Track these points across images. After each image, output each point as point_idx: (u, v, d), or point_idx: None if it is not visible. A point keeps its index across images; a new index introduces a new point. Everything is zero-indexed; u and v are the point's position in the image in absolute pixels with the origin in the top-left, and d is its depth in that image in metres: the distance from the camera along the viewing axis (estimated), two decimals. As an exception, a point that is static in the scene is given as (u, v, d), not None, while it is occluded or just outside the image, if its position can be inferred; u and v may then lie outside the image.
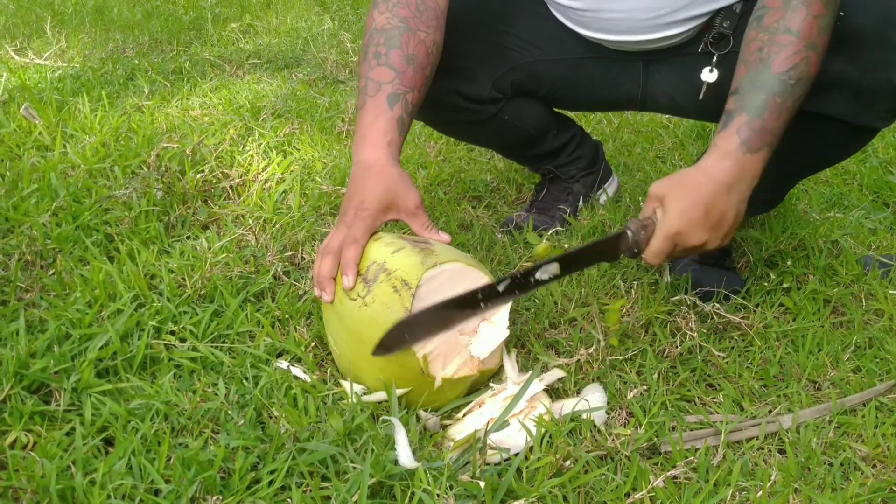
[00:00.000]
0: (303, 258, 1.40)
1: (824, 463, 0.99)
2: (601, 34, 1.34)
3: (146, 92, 2.28)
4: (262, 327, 1.19)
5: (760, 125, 1.02)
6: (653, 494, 0.92)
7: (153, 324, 1.15)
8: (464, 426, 1.01)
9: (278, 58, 2.88)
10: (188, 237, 1.47)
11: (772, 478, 0.94)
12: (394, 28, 1.16)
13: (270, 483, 0.90)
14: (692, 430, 1.04)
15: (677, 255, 1.07)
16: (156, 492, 0.89)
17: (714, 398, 1.12)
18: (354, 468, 0.91)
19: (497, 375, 1.11)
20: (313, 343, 1.17)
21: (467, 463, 0.95)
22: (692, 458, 0.97)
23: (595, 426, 1.02)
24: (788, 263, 1.42)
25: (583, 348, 1.15)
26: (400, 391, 1.02)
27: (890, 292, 1.34)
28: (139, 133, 1.80)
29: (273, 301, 1.27)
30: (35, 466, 0.89)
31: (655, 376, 1.13)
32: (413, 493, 0.89)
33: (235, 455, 0.93)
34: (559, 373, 1.11)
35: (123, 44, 2.96)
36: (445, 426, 1.03)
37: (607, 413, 1.06)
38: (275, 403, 1.03)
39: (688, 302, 1.26)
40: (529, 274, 1.02)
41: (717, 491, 0.94)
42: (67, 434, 0.97)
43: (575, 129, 1.63)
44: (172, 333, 1.16)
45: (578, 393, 1.09)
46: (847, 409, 1.09)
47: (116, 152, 1.69)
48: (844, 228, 1.61)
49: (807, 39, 1.02)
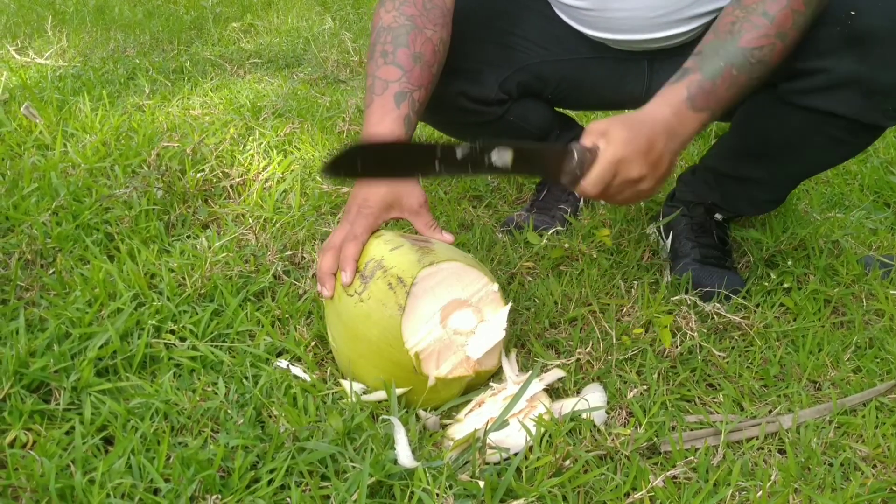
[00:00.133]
0: (303, 257, 1.40)
1: (824, 463, 0.99)
2: (606, 33, 1.34)
3: (147, 91, 2.28)
4: (262, 326, 1.19)
5: (711, 87, 1.04)
6: (652, 494, 0.92)
7: (153, 323, 1.15)
8: (463, 426, 1.01)
9: (279, 57, 2.88)
10: (188, 236, 1.47)
11: (772, 478, 0.94)
12: (401, 26, 1.16)
13: (270, 482, 0.90)
14: (692, 430, 1.04)
15: (613, 193, 1.03)
16: (155, 491, 0.89)
17: (714, 398, 1.12)
18: (354, 467, 0.91)
19: (497, 375, 1.11)
20: (313, 342, 1.17)
21: (467, 462, 0.95)
22: (692, 458, 0.97)
23: (595, 426, 1.02)
24: (789, 263, 1.42)
25: (583, 348, 1.15)
26: (399, 391, 1.02)
27: (890, 292, 1.34)
28: (140, 132, 1.80)
29: (273, 300, 1.27)
30: (34, 465, 0.89)
31: (655, 376, 1.13)
32: (412, 493, 0.89)
33: (235, 454, 0.93)
34: (559, 373, 1.11)
35: (124, 43, 2.96)
36: (445, 426, 1.03)
37: (607, 413, 1.06)
38: (274, 403, 1.03)
39: (688, 302, 1.26)
40: (485, 151, 0.95)
41: (717, 491, 0.93)
42: (67, 433, 0.97)
43: (577, 129, 1.63)
44: (172, 332, 1.16)
45: (578, 393, 1.09)
46: (847, 410, 1.09)
47: (117, 151, 1.69)
48: (845, 228, 1.60)
49: (780, 27, 1.04)
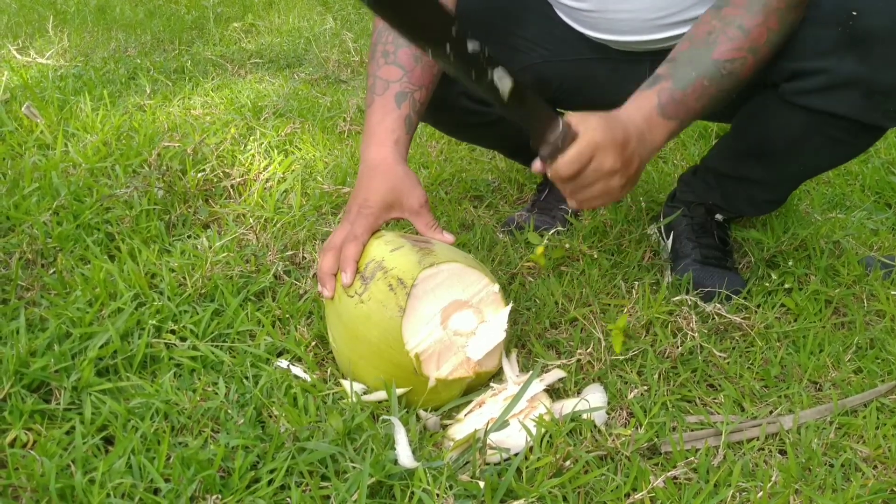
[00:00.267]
0: (304, 257, 1.40)
1: (825, 464, 0.99)
2: (607, 35, 1.34)
3: (148, 91, 2.28)
4: (263, 326, 1.19)
5: (681, 97, 1.05)
6: (653, 495, 0.92)
7: (153, 323, 1.15)
8: (464, 426, 1.01)
9: (280, 57, 2.88)
10: (189, 236, 1.47)
11: (772, 478, 0.94)
12: None
13: (270, 482, 0.90)
14: (693, 431, 1.04)
15: (584, 182, 0.99)
16: (155, 491, 0.89)
17: (715, 399, 1.12)
18: (354, 468, 0.91)
19: (497, 376, 1.11)
20: (313, 342, 1.17)
21: (467, 463, 0.95)
22: (692, 459, 0.97)
23: (595, 426, 1.02)
24: (790, 264, 1.42)
25: (583, 348, 1.15)
26: (400, 391, 1.02)
27: (892, 293, 1.34)
28: (141, 132, 1.80)
29: (273, 300, 1.27)
30: (35, 465, 0.89)
31: (656, 376, 1.13)
32: (413, 493, 0.89)
33: (235, 454, 0.93)
34: (560, 373, 1.10)
35: (125, 43, 2.96)
36: (446, 426, 1.03)
37: (608, 413, 1.06)
38: (275, 403, 1.03)
39: (689, 302, 1.26)
40: (491, 63, 0.88)
41: (718, 491, 0.93)
42: (67, 433, 0.97)
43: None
44: (173, 332, 1.16)
45: (579, 393, 1.08)
46: (848, 410, 1.09)
47: (118, 151, 1.69)
48: (846, 229, 1.60)
49: (753, 42, 1.06)
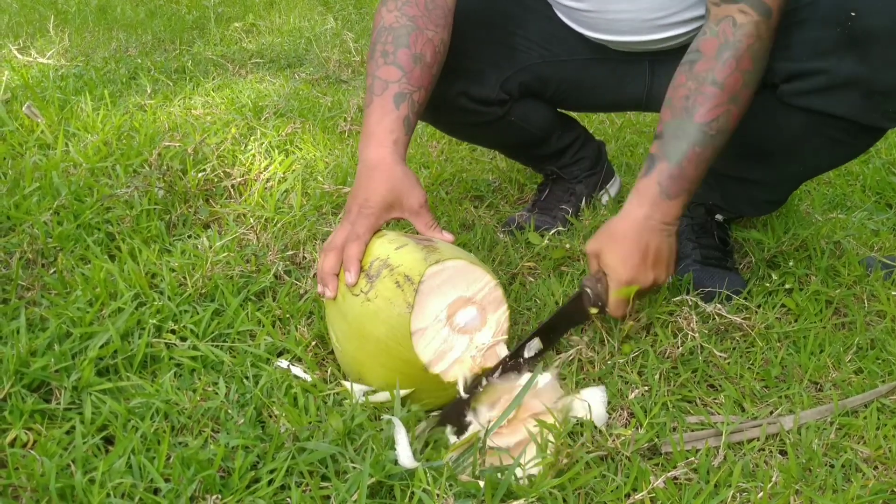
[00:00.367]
0: (304, 257, 1.40)
1: (825, 464, 0.99)
2: (605, 35, 1.34)
3: (149, 91, 2.28)
4: (263, 326, 1.19)
5: (679, 173, 1.08)
6: (653, 495, 0.92)
7: (154, 322, 1.15)
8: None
9: (281, 57, 2.88)
10: (189, 236, 1.47)
11: (773, 479, 0.94)
12: (402, 27, 1.16)
13: (270, 482, 0.90)
14: (693, 431, 1.04)
15: (634, 301, 1.11)
16: (155, 491, 0.89)
17: (715, 399, 1.12)
18: (354, 468, 0.91)
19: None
20: (314, 342, 1.17)
21: (467, 462, 0.94)
22: (693, 459, 0.97)
23: (595, 427, 1.02)
24: (790, 264, 1.42)
25: (584, 347, 1.15)
26: (403, 392, 1.02)
27: (892, 294, 1.34)
28: (141, 132, 1.80)
29: (274, 300, 1.27)
30: (35, 465, 0.89)
31: (657, 377, 1.13)
32: (412, 493, 0.89)
33: (235, 454, 0.93)
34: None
35: (126, 43, 2.96)
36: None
37: (608, 413, 1.06)
38: (275, 403, 1.03)
39: (689, 302, 1.26)
40: (517, 355, 1.07)
41: (718, 492, 0.93)
42: (67, 432, 0.97)
43: (579, 130, 1.63)
44: (173, 332, 1.16)
45: (580, 393, 1.08)
46: (849, 411, 1.09)
47: (118, 151, 1.69)
48: (847, 229, 1.60)
49: (731, 93, 1.07)
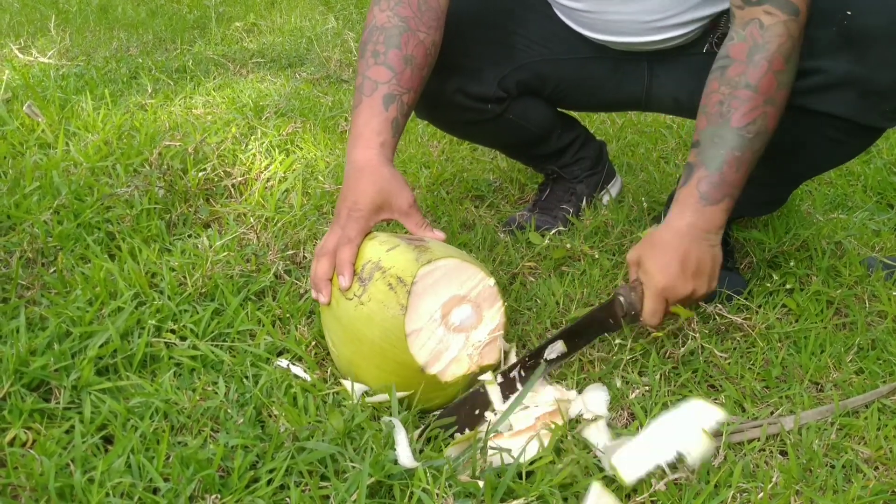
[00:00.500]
0: (304, 257, 1.40)
1: (826, 465, 0.99)
2: (604, 36, 1.34)
3: (149, 90, 2.28)
4: (263, 326, 1.19)
5: (720, 179, 1.07)
6: (655, 498, 0.92)
7: (153, 322, 1.15)
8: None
9: (282, 57, 2.88)
10: (189, 235, 1.46)
11: (773, 479, 0.94)
12: (394, 27, 1.16)
13: (269, 482, 0.90)
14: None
15: (674, 309, 1.11)
16: (154, 490, 0.89)
17: (716, 399, 1.11)
18: (354, 467, 0.91)
19: (498, 370, 1.10)
20: (314, 342, 1.17)
21: (468, 462, 0.94)
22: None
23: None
24: (791, 264, 1.42)
25: (585, 347, 1.15)
26: (401, 394, 1.02)
27: (893, 294, 1.33)
28: (142, 131, 1.80)
29: (274, 300, 1.27)
30: (34, 464, 0.89)
31: (657, 377, 1.12)
32: (412, 493, 0.88)
33: (234, 454, 0.92)
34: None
35: (127, 42, 2.97)
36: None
37: (609, 413, 1.06)
38: (274, 402, 1.03)
39: (690, 302, 1.26)
40: (538, 355, 1.08)
41: (718, 492, 0.93)
42: (67, 432, 0.97)
43: (579, 130, 1.63)
44: (173, 332, 1.16)
45: (581, 392, 1.08)
46: (849, 411, 1.08)
47: (119, 150, 1.69)
48: (848, 230, 1.60)
49: (766, 95, 1.05)
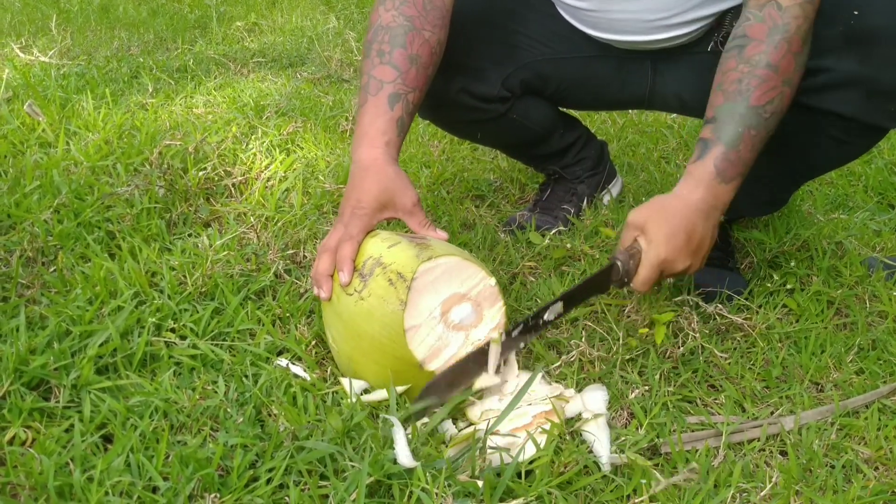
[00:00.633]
0: (304, 256, 1.40)
1: (826, 465, 0.99)
2: (608, 34, 1.34)
3: (150, 90, 2.28)
4: (263, 325, 1.19)
5: (736, 156, 1.06)
6: (653, 495, 0.91)
7: (153, 321, 1.15)
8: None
9: (283, 56, 2.88)
10: (190, 235, 1.46)
11: (773, 479, 0.94)
12: (399, 26, 1.16)
13: (268, 481, 0.90)
14: (693, 431, 1.04)
15: (660, 281, 1.10)
16: (154, 489, 0.89)
17: (716, 399, 1.11)
18: (353, 467, 0.91)
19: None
20: (314, 341, 1.17)
21: (467, 461, 0.94)
22: (694, 464, 0.96)
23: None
24: (792, 264, 1.42)
25: (585, 346, 1.15)
26: (401, 388, 1.02)
27: (894, 294, 1.33)
28: (142, 130, 1.80)
29: (274, 299, 1.27)
30: (33, 463, 0.89)
31: (657, 377, 1.12)
32: (411, 493, 0.88)
33: (234, 453, 0.92)
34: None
35: (128, 42, 2.97)
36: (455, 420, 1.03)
37: (609, 413, 1.06)
38: (274, 401, 1.03)
39: (690, 303, 1.26)
40: (538, 316, 1.08)
41: (718, 492, 0.93)
42: (66, 431, 0.97)
43: (581, 130, 1.63)
44: (173, 331, 1.16)
45: (580, 392, 1.08)
46: (850, 411, 1.08)
47: (119, 150, 1.69)
48: (849, 230, 1.60)
49: (784, 75, 1.05)
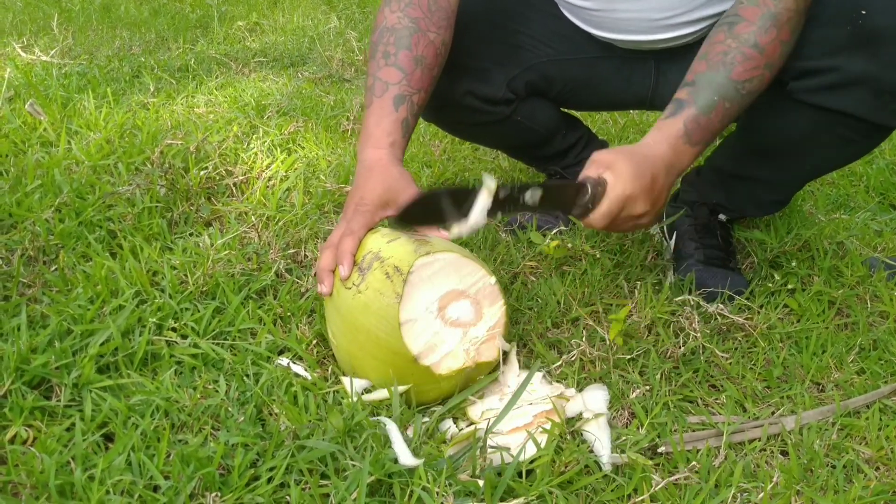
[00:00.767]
0: (305, 256, 1.40)
1: (827, 465, 0.99)
2: (612, 34, 1.34)
3: (151, 89, 2.28)
4: (264, 324, 1.19)
5: (706, 122, 1.07)
6: (654, 494, 0.92)
7: (154, 320, 1.15)
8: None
9: (284, 56, 2.88)
10: (191, 234, 1.46)
11: (774, 479, 0.93)
12: (404, 28, 1.17)
13: (269, 480, 0.90)
14: (694, 431, 1.04)
15: (616, 226, 1.08)
16: (155, 488, 0.89)
17: (717, 399, 1.11)
18: (354, 466, 0.91)
19: (496, 369, 1.10)
20: (314, 341, 1.17)
21: (468, 460, 0.94)
22: (695, 464, 0.96)
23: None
24: (793, 264, 1.42)
25: (586, 346, 1.15)
26: (401, 388, 1.02)
27: (895, 294, 1.33)
28: (144, 130, 1.80)
29: (275, 298, 1.27)
30: (35, 461, 0.89)
31: (658, 377, 1.12)
32: (412, 492, 0.88)
33: (235, 452, 0.92)
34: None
35: (130, 41, 2.97)
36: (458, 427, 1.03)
37: (609, 413, 1.06)
38: (275, 401, 1.03)
39: (691, 302, 1.26)
40: (522, 191, 1.03)
41: (719, 492, 0.93)
42: (67, 429, 0.97)
43: (583, 130, 1.63)
44: (174, 330, 1.16)
45: (581, 392, 1.08)
46: (851, 412, 1.08)
47: (121, 149, 1.69)
48: (850, 230, 1.60)
49: (769, 58, 1.08)
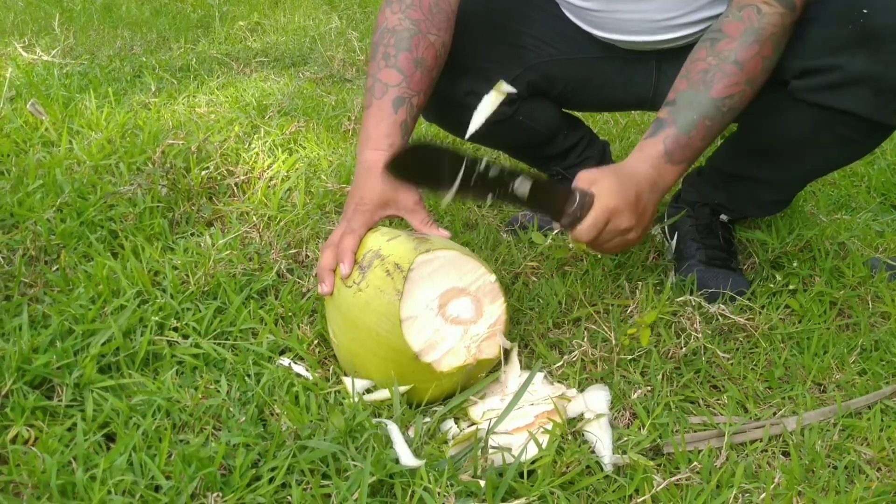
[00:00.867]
0: (307, 256, 1.40)
1: (828, 466, 0.99)
2: (614, 35, 1.34)
3: (153, 89, 2.28)
4: (265, 324, 1.19)
5: (686, 141, 1.08)
6: (655, 495, 0.91)
7: (156, 320, 1.15)
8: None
9: (285, 56, 2.88)
10: (192, 234, 1.47)
11: (775, 480, 0.93)
12: (405, 29, 1.17)
13: (271, 480, 0.90)
14: (696, 432, 1.04)
15: (602, 241, 1.08)
16: (156, 488, 0.89)
17: (718, 400, 1.11)
18: (355, 466, 0.91)
19: (497, 369, 1.10)
20: (316, 341, 1.17)
21: (469, 460, 0.94)
22: (696, 464, 0.96)
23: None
24: (794, 265, 1.41)
25: (587, 346, 1.15)
26: (402, 388, 1.02)
27: (897, 295, 1.33)
28: (145, 130, 1.80)
29: (276, 298, 1.27)
30: (36, 461, 0.89)
31: (660, 377, 1.12)
32: (413, 492, 0.88)
33: (236, 452, 0.92)
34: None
35: (131, 41, 2.97)
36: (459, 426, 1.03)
37: (611, 413, 1.06)
38: (276, 401, 1.03)
39: (693, 303, 1.26)
40: (512, 177, 1.03)
41: (720, 493, 0.93)
42: (69, 429, 0.97)
43: (584, 130, 1.63)
44: (175, 330, 1.16)
45: (582, 392, 1.08)
46: (852, 412, 1.08)
47: (122, 149, 1.69)
48: (851, 230, 1.60)
49: (749, 75, 1.08)
